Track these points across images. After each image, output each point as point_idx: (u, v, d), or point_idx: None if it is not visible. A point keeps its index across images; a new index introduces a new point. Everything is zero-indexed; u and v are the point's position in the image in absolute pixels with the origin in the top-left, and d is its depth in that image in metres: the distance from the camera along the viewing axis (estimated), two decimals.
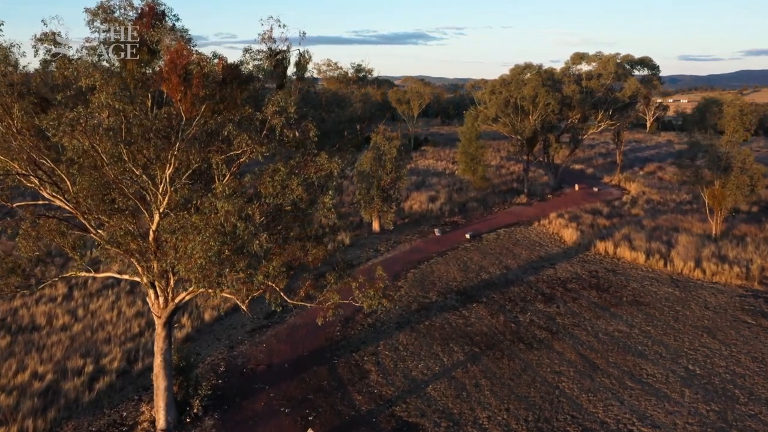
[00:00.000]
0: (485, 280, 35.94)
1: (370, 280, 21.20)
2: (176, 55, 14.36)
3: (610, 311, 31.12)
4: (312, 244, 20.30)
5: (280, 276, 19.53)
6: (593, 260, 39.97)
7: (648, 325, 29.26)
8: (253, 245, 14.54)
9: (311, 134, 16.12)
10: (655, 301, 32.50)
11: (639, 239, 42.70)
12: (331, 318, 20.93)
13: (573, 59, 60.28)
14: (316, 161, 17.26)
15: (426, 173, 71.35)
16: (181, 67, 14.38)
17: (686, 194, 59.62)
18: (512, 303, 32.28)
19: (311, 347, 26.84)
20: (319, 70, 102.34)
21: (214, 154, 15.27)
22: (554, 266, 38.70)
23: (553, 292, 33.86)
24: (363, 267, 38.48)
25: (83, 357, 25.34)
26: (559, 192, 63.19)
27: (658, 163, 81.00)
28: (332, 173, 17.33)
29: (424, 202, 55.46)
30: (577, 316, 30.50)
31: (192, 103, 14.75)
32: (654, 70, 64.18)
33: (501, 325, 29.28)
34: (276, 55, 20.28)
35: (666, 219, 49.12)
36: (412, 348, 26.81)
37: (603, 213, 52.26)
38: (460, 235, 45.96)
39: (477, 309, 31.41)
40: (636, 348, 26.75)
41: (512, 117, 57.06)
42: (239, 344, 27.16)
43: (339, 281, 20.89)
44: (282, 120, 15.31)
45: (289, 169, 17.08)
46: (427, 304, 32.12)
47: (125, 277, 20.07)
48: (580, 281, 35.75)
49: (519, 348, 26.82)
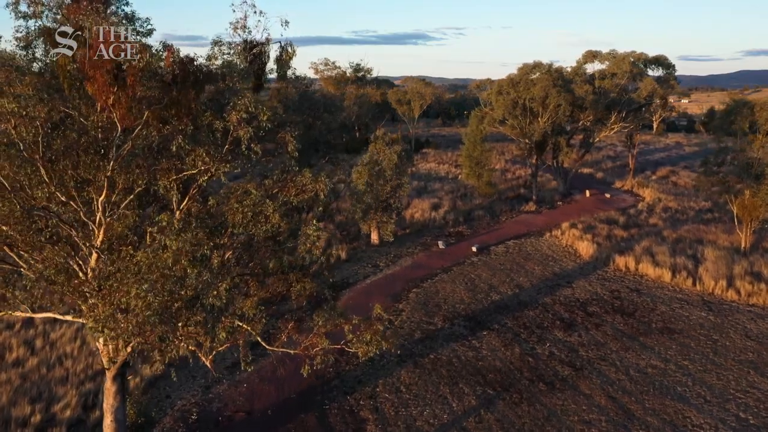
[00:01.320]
0: (496, 301, 32.32)
1: (366, 320, 17.63)
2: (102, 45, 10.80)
3: (639, 341, 27.50)
4: (297, 275, 16.70)
5: (257, 318, 15.91)
6: (613, 278, 36.34)
7: (684, 359, 25.65)
8: (209, 298, 10.93)
9: (290, 148, 12.53)
10: (689, 328, 28.89)
11: (662, 253, 39.08)
12: (320, 366, 17.38)
13: (585, 57, 56.66)
14: (298, 180, 13.67)
15: (428, 178, 67.73)
16: (108, 61, 10.82)
17: (705, 201, 55.99)
18: (528, 330, 28.67)
19: (299, 387, 23.22)
20: (317, 70, 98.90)
21: (161, 175, 11.67)
22: (571, 285, 35.09)
23: (573, 317, 30.25)
24: (360, 286, 34.91)
25: (32, 402, 21.71)
26: (569, 198, 59.57)
27: (670, 166, 77.36)
28: (318, 195, 13.74)
29: (427, 210, 51.82)
30: (603, 347, 26.89)
31: (129, 109, 11.19)
32: (669, 70, 60.62)
33: (517, 359, 25.67)
34: (252, 48, 16.83)
35: (688, 230, 45.48)
36: (415, 389, 23.20)
37: (619, 223, 48.63)
38: (465, 247, 42.34)
39: (488, 338, 27.80)
40: (675, 389, 23.14)
41: (520, 119, 53.43)
42: (217, 383, 23.54)
43: (328, 323, 17.31)
44: (250, 131, 11.70)
45: (264, 190, 13.49)
46: (432, 332, 28.51)
47: (68, 318, 16.47)
48: (602, 303, 32.13)
49: (539, 389, 23.21)
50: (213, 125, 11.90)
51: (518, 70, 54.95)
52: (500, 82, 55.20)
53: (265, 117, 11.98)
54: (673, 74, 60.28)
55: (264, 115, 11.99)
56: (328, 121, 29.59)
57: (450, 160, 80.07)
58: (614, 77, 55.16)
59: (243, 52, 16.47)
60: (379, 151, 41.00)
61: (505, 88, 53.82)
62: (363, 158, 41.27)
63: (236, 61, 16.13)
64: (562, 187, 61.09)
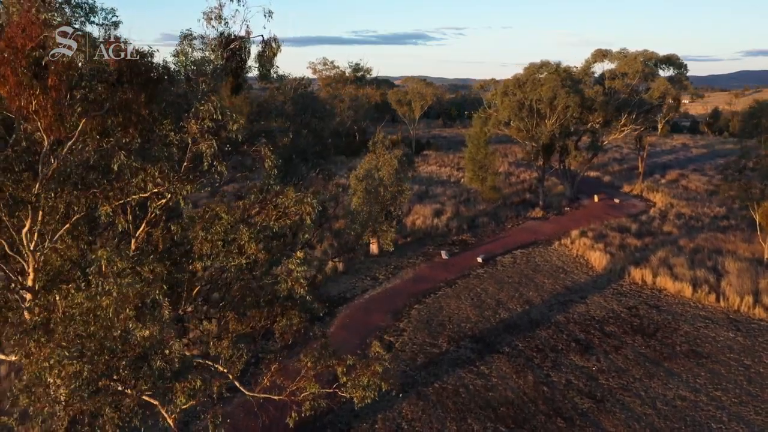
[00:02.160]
0: (505, 320, 29.85)
1: (363, 360, 15.20)
2: (17, 34, 8.34)
3: (663, 367, 25.04)
4: (282, 306, 14.25)
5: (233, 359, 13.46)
6: (630, 292, 33.86)
7: (716, 389, 23.18)
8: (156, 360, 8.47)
9: (267, 164, 10.08)
10: (717, 351, 26.43)
11: (680, 265, 36.60)
12: (308, 414, 14.97)
13: (594, 57, 54.13)
14: (279, 201, 11.20)
15: (429, 182, 65.20)
16: (23, 54, 8.36)
17: (719, 207, 53.53)
18: (541, 354, 26.20)
19: (287, 428, 20.69)
20: (315, 70, 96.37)
21: (102, 200, 9.22)
22: (585, 300, 32.62)
23: (590, 339, 27.78)
24: (358, 301, 32.44)
25: None
26: (576, 203, 57.06)
27: (679, 169, 74.83)
28: (304, 219, 11.28)
29: (429, 216, 49.29)
30: (625, 374, 24.42)
31: (58, 118, 8.75)
32: (681, 69, 58.14)
33: (531, 389, 23.19)
34: (229, 43, 14.39)
35: (705, 238, 42.97)
36: (419, 425, 20.73)
37: (631, 230, 46.12)
38: (470, 258, 39.86)
39: (498, 363, 25.34)
40: (709, 427, 20.67)
41: (527, 121, 50.92)
42: (195, 418, 21.03)
43: (318, 364, 14.87)
44: (214, 145, 9.25)
45: (237, 214, 11.03)
46: (437, 355, 26.04)
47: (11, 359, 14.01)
48: (620, 322, 29.66)
49: (558, 425, 20.74)
50: (168, 137, 9.49)
51: (524, 69, 52.44)
52: (506, 83, 52.68)
53: (235, 126, 9.57)
54: (684, 74, 57.81)
55: (234, 124, 9.58)
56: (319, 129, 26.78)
57: (452, 162, 77.56)
58: (625, 77, 52.65)
59: (218, 48, 14.10)
60: (379, 156, 38.50)
61: (511, 89, 51.31)
62: (357, 172, 38.55)
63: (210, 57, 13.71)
64: (569, 191, 58.61)
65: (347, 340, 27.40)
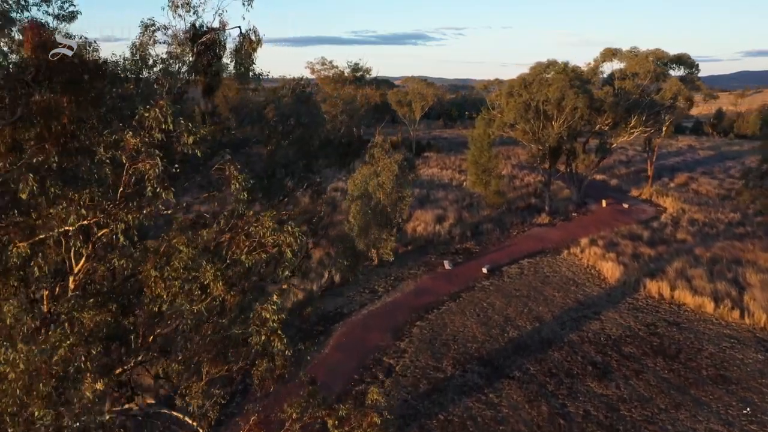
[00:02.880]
0: (514, 339, 27.63)
1: (358, 409, 12.94)
2: None
3: (690, 395, 22.82)
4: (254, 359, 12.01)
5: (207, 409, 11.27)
6: (647, 307, 31.62)
7: (751, 423, 20.97)
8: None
9: (234, 187, 7.88)
10: (747, 376, 24.21)
11: (699, 277, 34.40)
12: None
13: (603, 56, 51.93)
14: (253, 231, 8.98)
15: (430, 185, 62.96)
16: None
17: (733, 213, 51.32)
18: (555, 380, 23.98)
19: None
20: (313, 70, 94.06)
21: (13, 238, 7.02)
22: (599, 316, 30.40)
23: (607, 361, 25.56)
24: (356, 317, 30.22)
25: None
26: (584, 209, 54.81)
27: (687, 172, 72.67)
28: (284, 253, 9.06)
29: (430, 222, 47.05)
30: (648, 403, 22.19)
31: None
32: (692, 69, 55.97)
33: (545, 422, 20.97)
34: (200, 36, 12.25)
35: (722, 247, 40.77)
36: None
37: (644, 238, 43.89)
38: (475, 268, 37.63)
39: (508, 390, 23.12)
40: None
41: (533, 123, 48.69)
42: None
43: (305, 415, 12.63)
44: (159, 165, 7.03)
45: (200, 246, 8.81)
46: (441, 381, 23.82)
47: None
48: (638, 342, 27.43)
49: None
50: (96, 155, 7.31)
51: (531, 69, 50.18)
52: (511, 83, 50.43)
53: (190, 139, 7.41)
54: (696, 74, 55.63)
55: (189, 136, 7.41)
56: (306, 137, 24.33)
57: (453, 164, 75.34)
58: (636, 77, 50.42)
59: (188, 41, 11.94)
60: (378, 160, 36.27)
61: (517, 89, 49.06)
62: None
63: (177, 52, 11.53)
64: (576, 196, 56.35)
65: (343, 363, 25.21)
